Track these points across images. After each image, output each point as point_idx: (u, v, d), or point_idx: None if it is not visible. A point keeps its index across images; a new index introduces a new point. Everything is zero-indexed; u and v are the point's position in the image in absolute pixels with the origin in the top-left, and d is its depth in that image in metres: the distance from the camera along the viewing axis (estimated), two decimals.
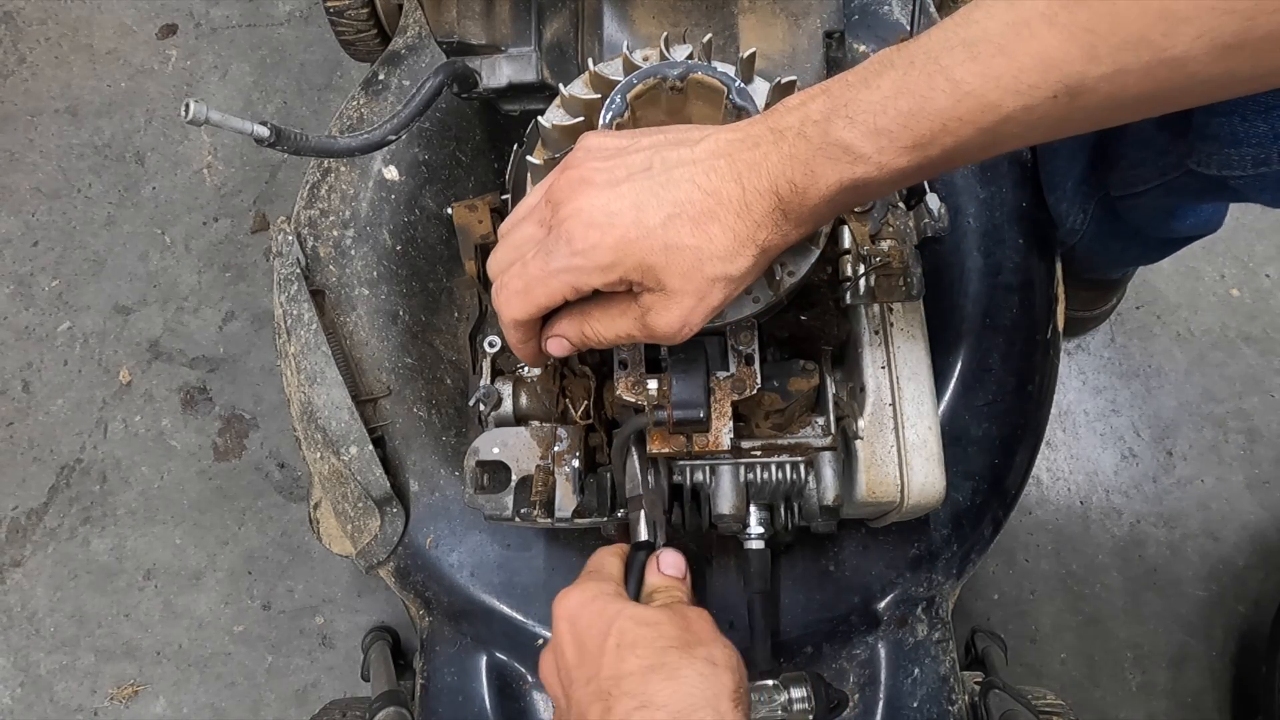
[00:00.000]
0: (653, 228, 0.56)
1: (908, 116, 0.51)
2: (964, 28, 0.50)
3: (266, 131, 0.68)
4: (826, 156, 0.54)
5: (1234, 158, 0.72)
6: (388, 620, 1.35)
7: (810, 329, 0.78)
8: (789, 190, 0.55)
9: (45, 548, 1.41)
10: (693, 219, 0.56)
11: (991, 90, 0.49)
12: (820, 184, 0.54)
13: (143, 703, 1.35)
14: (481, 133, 1.00)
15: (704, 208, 0.56)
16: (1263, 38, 0.45)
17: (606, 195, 0.57)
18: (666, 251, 0.56)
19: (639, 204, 0.56)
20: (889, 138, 0.52)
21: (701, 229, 0.56)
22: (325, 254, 0.93)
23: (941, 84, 0.50)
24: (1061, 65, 0.48)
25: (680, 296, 0.57)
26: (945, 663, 0.87)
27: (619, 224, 0.56)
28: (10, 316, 1.51)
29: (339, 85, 1.60)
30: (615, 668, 0.58)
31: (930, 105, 0.51)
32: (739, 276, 0.57)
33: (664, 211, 0.56)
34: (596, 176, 0.58)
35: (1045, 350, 0.92)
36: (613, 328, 0.62)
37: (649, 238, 0.56)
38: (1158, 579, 1.36)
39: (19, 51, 1.65)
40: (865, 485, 0.71)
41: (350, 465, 0.86)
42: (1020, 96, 0.49)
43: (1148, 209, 0.96)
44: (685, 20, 0.89)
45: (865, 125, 0.52)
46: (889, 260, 0.72)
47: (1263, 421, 1.41)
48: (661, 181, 0.57)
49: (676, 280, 0.57)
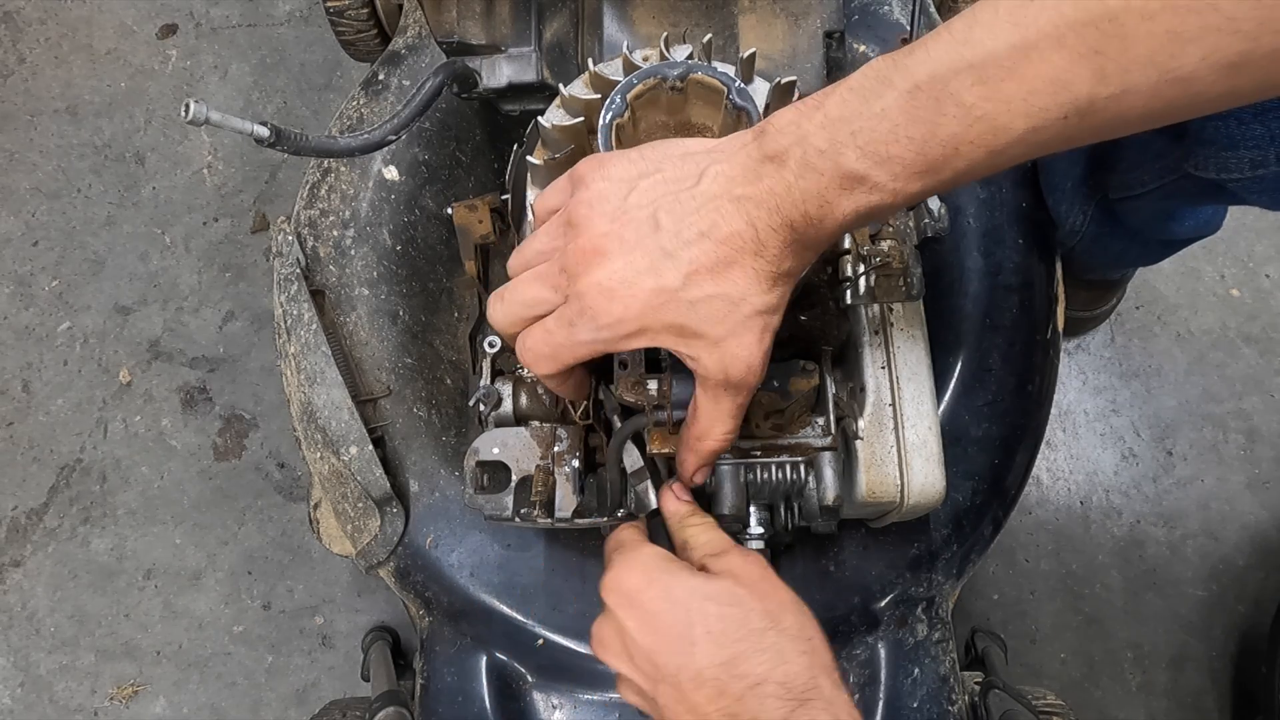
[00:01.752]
0: (674, 290, 0.56)
1: (920, 144, 0.51)
2: (967, 48, 0.50)
3: (266, 131, 0.68)
4: (840, 189, 0.53)
5: (1231, 161, 0.73)
6: (388, 620, 1.35)
7: (810, 329, 0.78)
8: (804, 223, 0.55)
9: (45, 548, 1.41)
10: (711, 270, 0.56)
11: (1002, 114, 0.49)
12: (836, 214, 0.54)
13: (143, 703, 1.35)
14: (481, 133, 1.00)
15: (719, 256, 0.56)
16: (1266, 55, 0.45)
17: (621, 264, 0.57)
18: (693, 308, 0.56)
19: (655, 268, 0.56)
20: (902, 165, 0.52)
21: (722, 277, 0.56)
22: (325, 254, 0.93)
23: (951, 109, 0.50)
24: (1071, 87, 0.48)
25: (730, 340, 0.58)
26: (945, 663, 0.87)
27: (639, 293, 0.56)
28: (10, 316, 1.51)
29: (339, 85, 1.60)
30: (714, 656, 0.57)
31: (942, 131, 0.51)
32: (773, 308, 0.58)
33: (681, 271, 0.56)
34: (609, 245, 0.57)
35: (1045, 350, 0.92)
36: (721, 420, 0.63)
37: (673, 301, 0.56)
38: (1158, 579, 1.36)
39: (19, 51, 1.65)
40: (865, 485, 0.71)
41: (350, 465, 0.86)
42: (1031, 119, 0.49)
43: (1146, 211, 0.96)
44: (685, 20, 0.89)
45: (877, 155, 0.52)
46: (889, 260, 0.72)
47: (1263, 421, 1.41)
48: (671, 238, 0.56)
49: (717, 328, 0.57)
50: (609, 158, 0.61)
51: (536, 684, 0.88)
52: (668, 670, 0.58)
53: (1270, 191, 0.74)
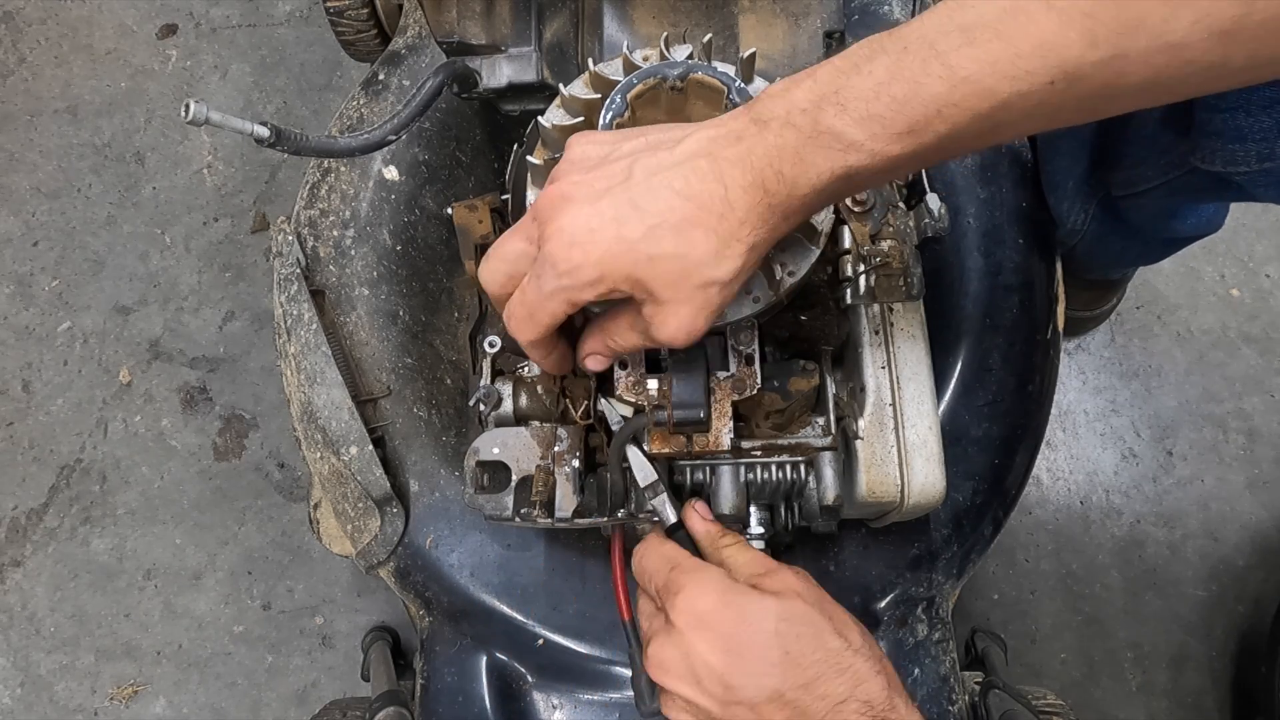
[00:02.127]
0: (634, 241, 0.55)
1: (901, 103, 0.50)
2: (959, 13, 0.50)
3: (266, 131, 0.68)
4: (817, 145, 0.52)
5: (1238, 153, 0.72)
6: (388, 620, 1.35)
7: (810, 329, 0.78)
8: (776, 181, 0.54)
9: (45, 548, 1.41)
10: (674, 227, 0.55)
11: (988, 76, 0.49)
12: (811, 173, 0.53)
13: (143, 703, 1.35)
14: (481, 133, 1.00)
15: (684, 214, 0.55)
16: (1260, 23, 0.45)
17: (587, 211, 0.56)
18: (651, 263, 0.55)
19: (619, 217, 0.55)
20: (882, 124, 0.51)
21: (683, 236, 0.55)
22: (325, 254, 0.93)
23: (937, 69, 0.50)
24: (1060, 50, 0.47)
25: (674, 305, 0.57)
26: (945, 663, 0.87)
27: (600, 240, 0.55)
28: (10, 316, 1.51)
29: (339, 85, 1.60)
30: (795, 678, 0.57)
31: (925, 91, 0.50)
32: (729, 278, 0.56)
33: (645, 223, 0.55)
34: (578, 191, 0.57)
35: (1045, 350, 0.92)
36: (626, 339, 0.62)
37: (631, 251, 0.55)
38: (1158, 579, 1.36)
39: (19, 51, 1.65)
40: (865, 485, 0.71)
41: (350, 465, 0.86)
42: (1017, 82, 0.48)
43: (1149, 209, 0.96)
44: (685, 20, 0.89)
45: (857, 112, 0.51)
46: (889, 260, 0.72)
47: (1263, 421, 1.41)
48: (641, 190, 0.55)
49: (666, 290, 0.56)
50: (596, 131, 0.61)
51: (536, 684, 0.88)
52: (745, 693, 0.57)
53: (1277, 185, 0.74)
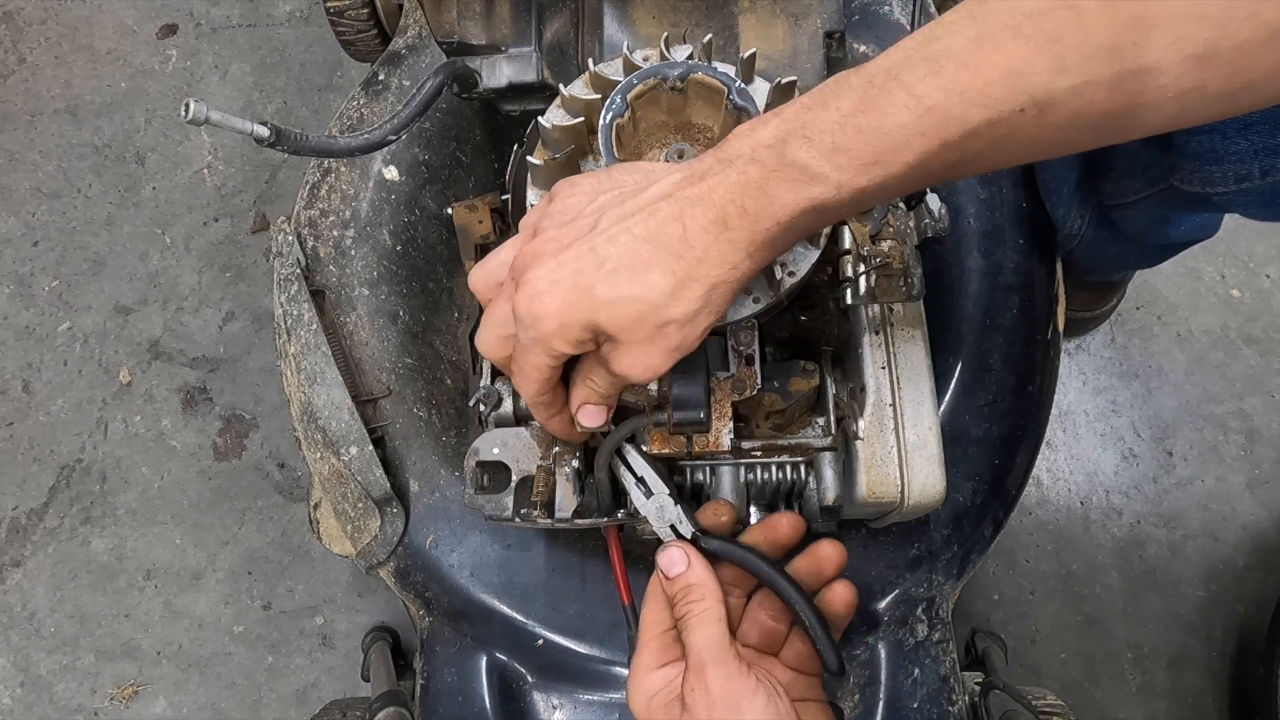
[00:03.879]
0: (590, 287, 0.55)
1: (868, 134, 0.50)
2: (925, 46, 0.49)
3: (266, 131, 0.68)
4: (782, 178, 0.52)
5: (1216, 175, 0.72)
6: (388, 620, 1.35)
7: (810, 329, 0.78)
8: (738, 216, 0.53)
9: (45, 548, 1.41)
10: (630, 269, 0.54)
11: (956, 105, 0.48)
12: (775, 206, 0.52)
13: (143, 703, 1.35)
14: (481, 133, 1.00)
15: (640, 255, 0.54)
16: (1234, 48, 0.44)
17: (551, 265, 0.56)
18: (608, 307, 0.55)
19: (579, 267, 0.55)
20: (848, 155, 0.50)
21: (639, 278, 0.54)
22: (325, 254, 0.93)
23: (903, 99, 0.49)
24: (1028, 76, 0.47)
25: (631, 347, 0.57)
26: (945, 663, 0.87)
27: (560, 291, 0.56)
28: (10, 316, 1.51)
29: (339, 85, 1.60)
30: None
31: (891, 121, 0.49)
32: (687, 318, 0.56)
33: (602, 269, 0.55)
34: (547, 247, 0.57)
35: (1045, 350, 0.92)
36: (599, 379, 0.62)
37: (588, 298, 0.55)
38: (1158, 579, 1.36)
39: (19, 51, 1.65)
40: (865, 486, 0.71)
41: (350, 465, 0.86)
42: (986, 110, 0.48)
43: (1140, 218, 0.96)
44: (685, 20, 0.89)
45: (823, 144, 0.51)
46: (889, 260, 0.72)
47: (1263, 422, 1.41)
48: (603, 239, 0.55)
49: (624, 333, 0.56)
50: (582, 177, 0.61)
51: (536, 684, 0.88)
52: None
53: (1256, 204, 0.74)
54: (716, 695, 0.59)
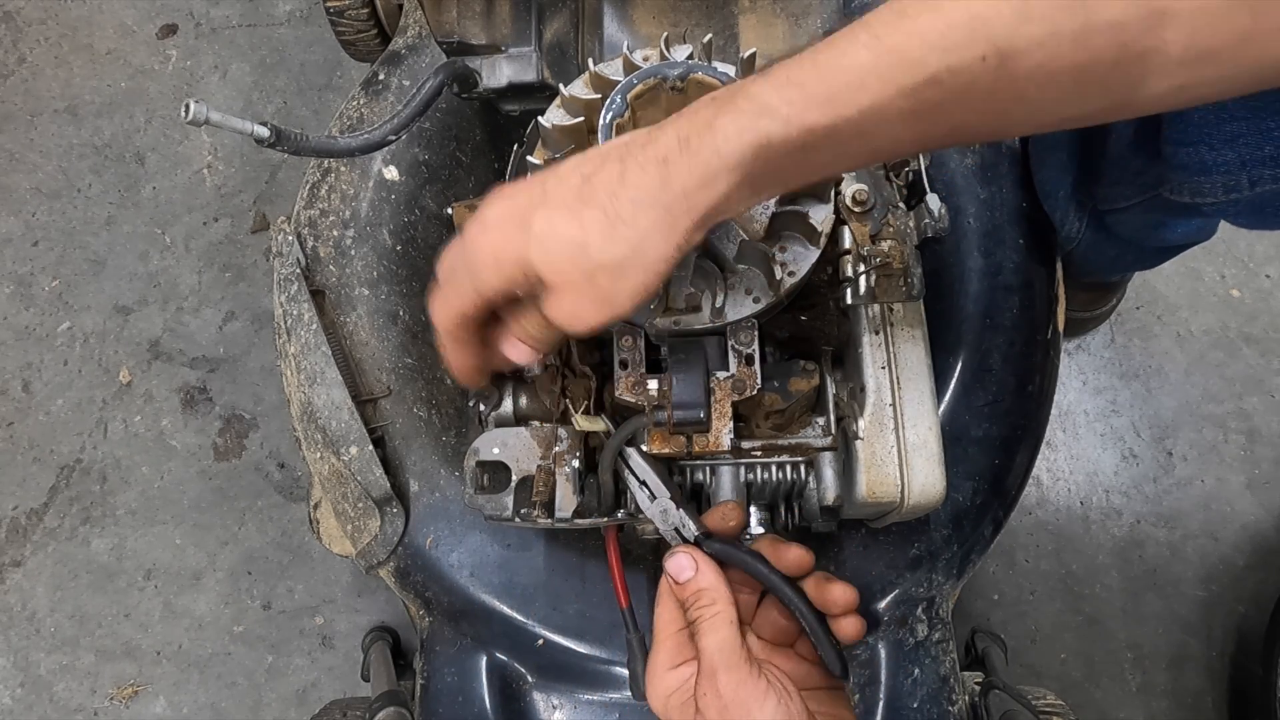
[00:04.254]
0: (528, 222, 0.54)
1: (823, 68, 0.49)
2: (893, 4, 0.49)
3: (266, 132, 0.68)
4: (731, 109, 0.51)
5: (1204, 185, 0.72)
6: (388, 620, 1.35)
7: (810, 329, 0.78)
8: (679, 151, 0.51)
9: (45, 548, 1.41)
10: (567, 206, 0.53)
11: (916, 46, 0.48)
12: (719, 139, 0.51)
13: (143, 703, 1.35)
14: (481, 133, 1.00)
15: (579, 194, 0.53)
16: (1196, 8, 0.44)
17: (503, 204, 0.56)
18: (540, 244, 0.54)
19: (524, 205, 0.55)
20: (800, 90, 0.50)
21: (574, 216, 0.53)
22: (325, 254, 0.93)
23: (864, 39, 0.49)
24: (991, 22, 0.46)
25: (562, 291, 0.55)
26: (945, 663, 0.87)
27: (503, 225, 0.55)
28: (10, 316, 1.51)
29: (339, 85, 1.60)
30: None
31: (849, 59, 0.49)
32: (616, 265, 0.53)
33: (544, 207, 0.54)
34: (509, 190, 0.57)
35: (1045, 350, 0.92)
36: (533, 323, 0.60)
37: (523, 232, 0.54)
38: (1157, 579, 1.36)
39: (19, 51, 1.65)
40: (865, 485, 0.71)
41: (350, 465, 0.86)
42: (946, 55, 0.47)
43: (1134, 223, 0.96)
44: (685, 20, 0.89)
45: (777, 79, 0.51)
46: (889, 260, 0.72)
47: (1263, 422, 1.41)
48: (554, 181, 0.55)
49: (552, 274, 0.54)
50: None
51: (536, 684, 0.88)
52: None
53: (1246, 213, 0.74)
54: (728, 699, 0.59)
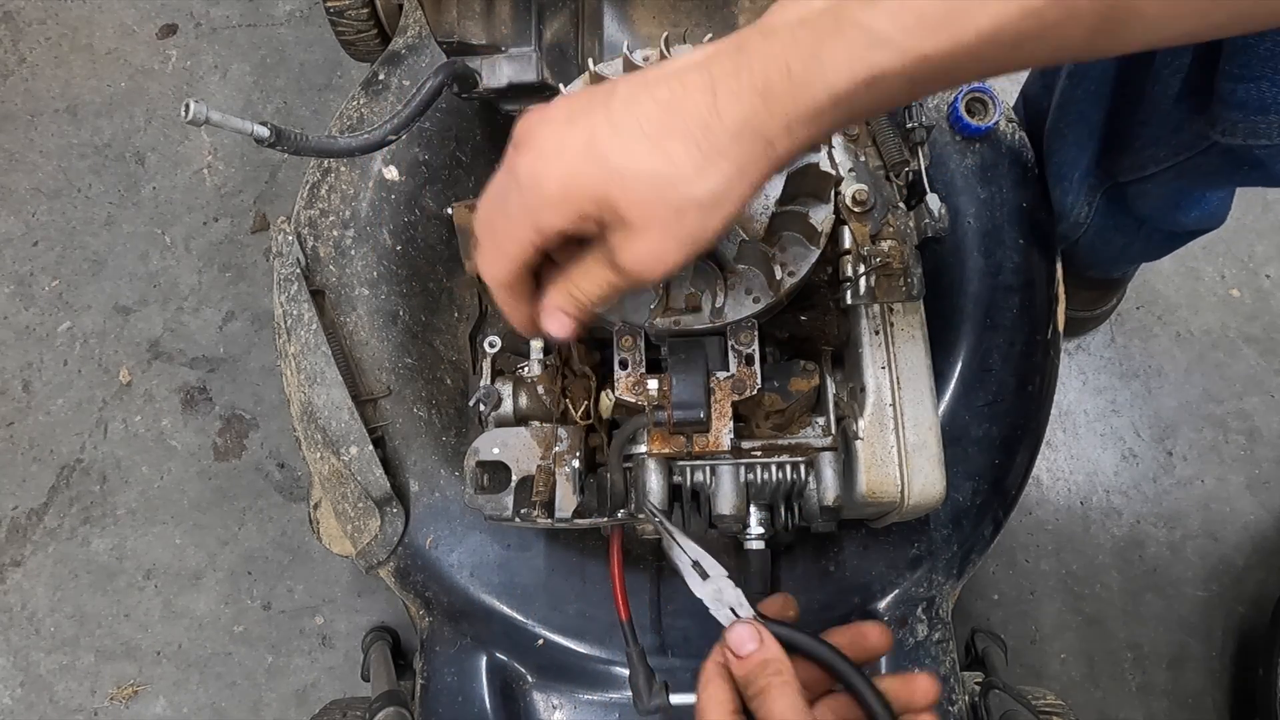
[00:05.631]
0: (604, 154, 0.49)
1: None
2: None
3: (266, 132, 0.68)
4: (839, 40, 0.46)
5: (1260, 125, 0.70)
6: (388, 620, 1.35)
7: (810, 329, 0.78)
8: (783, 82, 0.47)
9: (45, 548, 1.41)
10: (649, 136, 0.48)
11: None
12: (828, 71, 0.46)
13: (143, 703, 1.35)
14: (481, 133, 1.00)
15: (662, 123, 0.48)
16: None
17: (562, 128, 0.51)
18: (620, 178, 0.49)
19: (592, 132, 0.49)
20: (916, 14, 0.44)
21: (659, 147, 0.48)
22: (325, 254, 0.93)
23: None
24: None
25: (644, 230, 0.50)
26: (945, 663, 0.87)
27: (568, 154, 0.50)
28: (10, 316, 1.51)
29: (339, 85, 1.60)
30: None
31: None
32: (710, 200, 0.49)
33: (618, 135, 0.49)
34: (557, 113, 0.52)
35: (1045, 350, 0.92)
36: (593, 279, 0.55)
37: (598, 164, 0.49)
38: (1158, 579, 1.36)
39: (19, 51, 1.65)
40: (866, 485, 0.71)
41: (350, 465, 0.86)
42: None
43: (1156, 194, 0.95)
44: (685, 20, 0.89)
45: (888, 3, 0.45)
46: (889, 260, 0.72)
47: (1263, 422, 1.41)
48: (622, 105, 0.49)
49: (636, 209, 0.50)
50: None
51: (536, 684, 0.88)
52: None
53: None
54: None
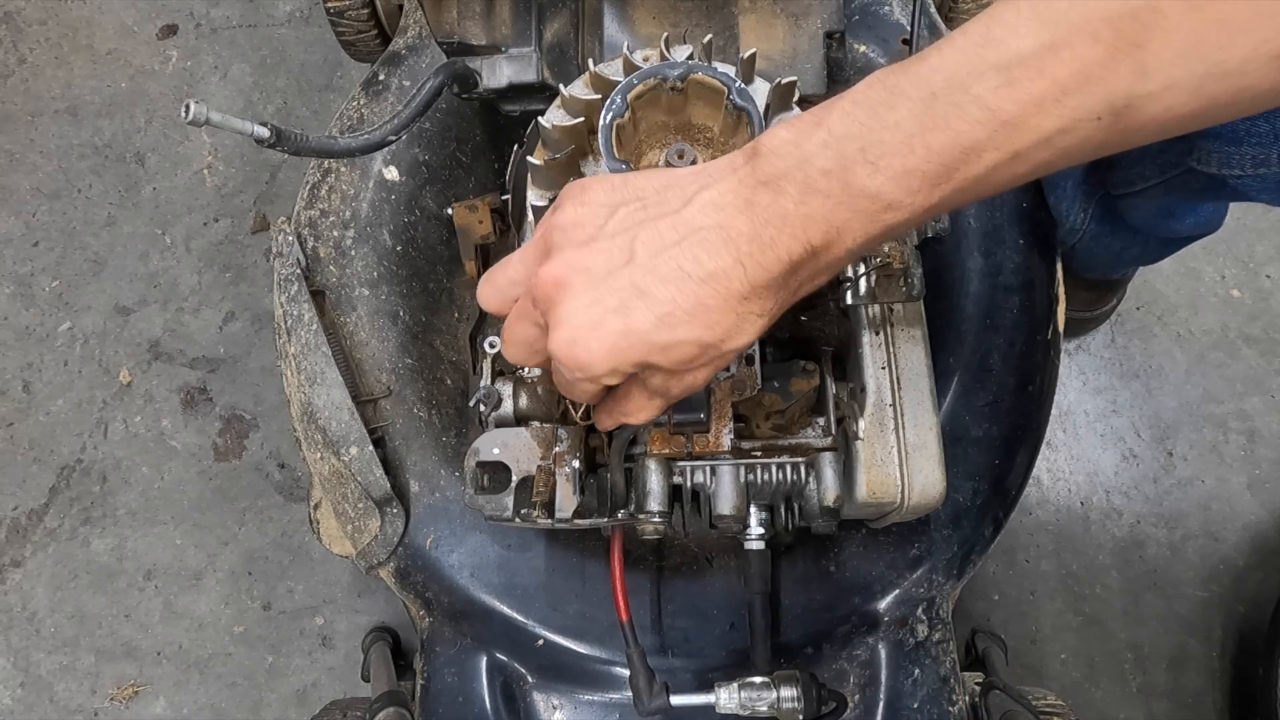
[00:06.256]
0: (644, 332, 0.51)
1: (939, 152, 0.47)
2: (989, 52, 0.46)
3: (267, 132, 0.68)
4: (852, 210, 0.49)
5: (1234, 156, 0.72)
6: (388, 620, 1.35)
7: (810, 329, 0.78)
8: (806, 255, 0.50)
9: (45, 548, 1.41)
10: (688, 312, 0.51)
11: (1032, 116, 0.45)
12: (846, 240, 0.50)
13: (143, 703, 1.35)
14: (481, 133, 1.00)
15: (698, 297, 0.50)
16: None
17: (588, 301, 0.52)
18: (664, 351, 0.52)
19: (625, 308, 0.51)
20: (920, 177, 0.47)
21: (698, 320, 0.51)
22: (325, 254, 0.93)
23: (976, 114, 0.46)
24: (1107, 84, 0.44)
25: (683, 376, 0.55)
26: (945, 663, 0.87)
27: (606, 335, 0.51)
28: (10, 316, 1.51)
29: (339, 85, 1.60)
30: None
31: (965, 138, 0.46)
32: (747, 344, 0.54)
33: (654, 311, 0.51)
34: (575, 279, 0.52)
35: (1046, 350, 0.92)
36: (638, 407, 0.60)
37: (643, 343, 0.51)
38: (1158, 579, 1.36)
39: (19, 51, 1.65)
40: (866, 486, 0.71)
41: (350, 465, 0.86)
42: (1062, 120, 0.45)
43: (1147, 208, 0.96)
44: (685, 20, 0.89)
45: (891, 169, 0.47)
46: (889, 260, 0.72)
47: (1263, 422, 1.41)
48: (645, 273, 0.51)
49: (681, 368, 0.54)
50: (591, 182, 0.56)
51: (537, 684, 0.88)
52: None
53: (1272, 189, 0.73)
54: None
